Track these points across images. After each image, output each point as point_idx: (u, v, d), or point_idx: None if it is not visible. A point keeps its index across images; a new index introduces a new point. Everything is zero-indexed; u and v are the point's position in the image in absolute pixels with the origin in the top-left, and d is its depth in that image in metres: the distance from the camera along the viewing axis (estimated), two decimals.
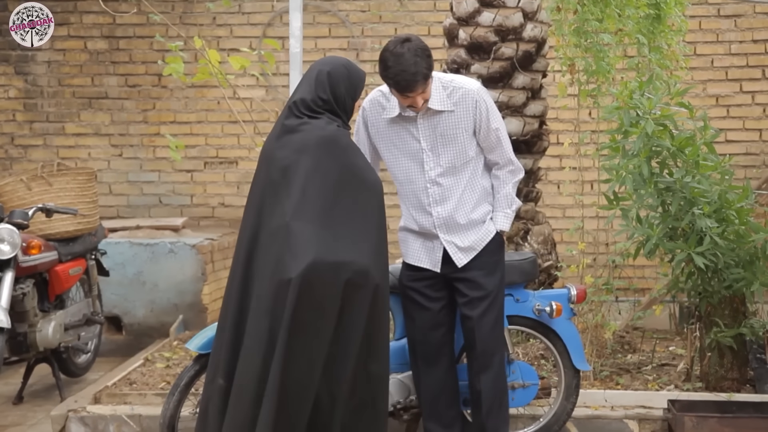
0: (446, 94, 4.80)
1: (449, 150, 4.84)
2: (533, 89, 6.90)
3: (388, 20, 9.07)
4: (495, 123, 4.89)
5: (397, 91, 4.67)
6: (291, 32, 4.85)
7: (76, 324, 6.89)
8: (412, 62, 4.58)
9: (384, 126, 4.89)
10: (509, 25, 6.83)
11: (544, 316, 5.40)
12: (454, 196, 4.88)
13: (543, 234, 6.96)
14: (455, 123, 4.82)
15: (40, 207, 6.38)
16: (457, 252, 4.94)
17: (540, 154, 7.03)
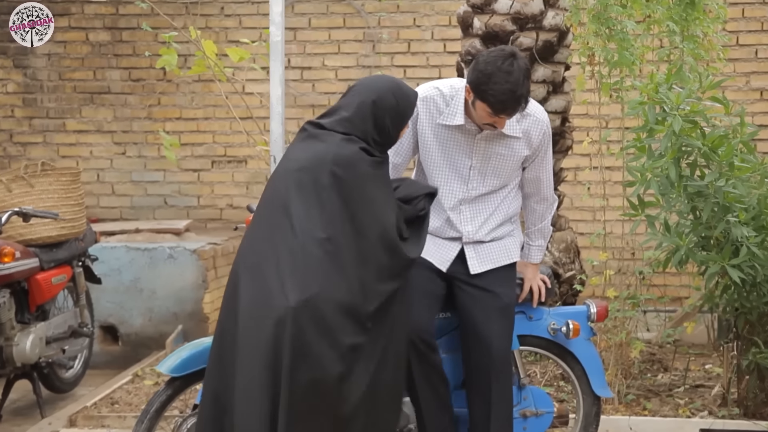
0: (515, 118, 4.32)
1: (498, 174, 4.44)
2: (555, 83, 6.33)
3: (407, 10, 8.53)
4: (550, 153, 4.54)
5: (495, 112, 4.18)
6: (271, 18, 4.34)
7: (60, 336, 6.41)
8: (521, 83, 4.11)
9: (435, 131, 4.40)
10: (528, 13, 6.27)
11: (560, 336, 4.83)
12: (482, 215, 4.50)
13: (565, 241, 6.37)
14: (516, 149, 4.40)
15: (16, 211, 5.91)
16: (474, 257, 4.50)
17: (562, 154, 6.46)
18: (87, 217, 8.68)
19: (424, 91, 4.41)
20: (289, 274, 3.74)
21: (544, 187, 4.57)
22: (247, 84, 8.29)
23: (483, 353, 4.45)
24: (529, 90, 4.20)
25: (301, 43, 8.57)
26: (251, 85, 7.97)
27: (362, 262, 3.83)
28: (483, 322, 4.46)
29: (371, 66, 8.47)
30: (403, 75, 8.26)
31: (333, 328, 3.75)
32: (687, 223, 5.13)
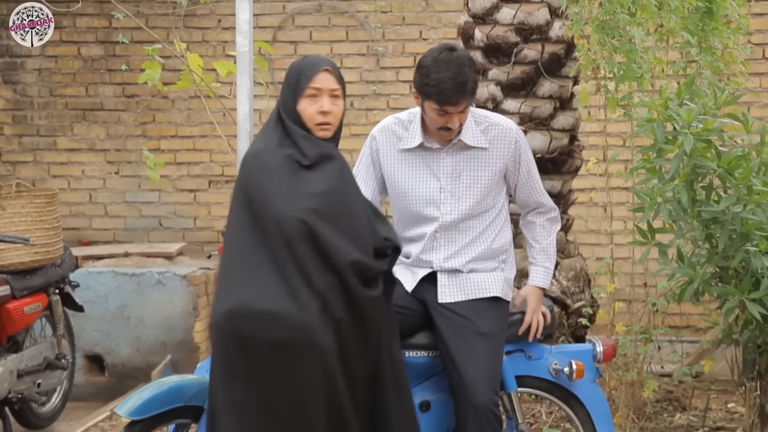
0: (480, 129, 4.12)
1: (472, 194, 4.12)
2: (562, 98, 5.88)
3: (412, 22, 8.11)
4: (534, 166, 4.25)
5: (438, 103, 3.93)
6: (238, 26, 3.95)
7: (34, 369, 6.00)
8: (460, 71, 3.91)
9: (398, 159, 4.15)
10: (533, 23, 5.84)
11: (563, 378, 4.40)
12: (457, 243, 4.17)
13: (574, 268, 5.91)
14: (486, 163, 4.12)
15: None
16: (445, 285, 4.16)
17: (571, 175, 6.01)
18: (79, 239, 8.41)
19: (383, 122, 4.22)
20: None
21: (537, 194, 4.28)
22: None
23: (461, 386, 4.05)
24: (475, 80, 3.98)
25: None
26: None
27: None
28: (460, 348, 4.06)
29: (375, 81, 8.07)
30: (409, 90, 7.85)
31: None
32: (702, 252, 4.66)
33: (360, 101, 8.12)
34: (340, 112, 3.67)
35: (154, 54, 6.26)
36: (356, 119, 8.00)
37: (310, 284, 3.49)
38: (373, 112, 7.91)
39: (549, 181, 5.83)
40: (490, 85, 5.82)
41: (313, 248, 3.49)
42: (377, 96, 8.02)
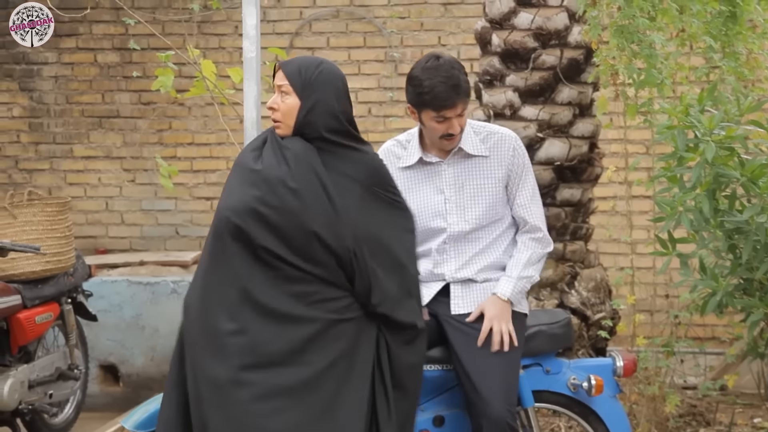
0: (479, 139, 4.07)
1: (478, 203, 4.06)
2: (581, 105, 5.76)
3: (431, 28, 8.00)
4: (531, 178, 4.14)
5: (435, 109, 3.88)
6: (245, 31, 3.85)
7: (46, 380, 5.93)
8: (451, 74, 3.89)
9: (399, 178, 4.05)
10: (551, 28, 5.72)
11: (582, 393, 4.28)
12: (467, 254, 4.11)
13: (594, 279, 5.78)
14: (488, 171, 4.06)
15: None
16: (459, 296, 4.09)
17: (590, 183, 5.88)
18: (95, 247, 8.34)
19: (383, 146, 4.19)
20: None
21: (527, 212, 4.12)
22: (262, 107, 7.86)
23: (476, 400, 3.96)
24: (467, 81, 3.95)
25: None
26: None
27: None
28: (474, 359, 3.96)
29: (393, 87, 7.96)
30: None
31: None
32: (725, 263, 4.52)
33: (377, 108, 8.02)
34: (287, 108, 3.50)
35: (167, 61, 6.19)
36: (374, 126, 7.90)
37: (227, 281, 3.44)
38: (391, 119, 7.81)
39: (568, 189, 5.71)
40: (507, 92, 5.71)
41: (244, 247, 3.39)
42: (395, 103, 7.91)
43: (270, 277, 3.39)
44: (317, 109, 3.47)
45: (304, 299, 3.42)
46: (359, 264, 3.45)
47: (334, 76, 3.55)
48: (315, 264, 3.42)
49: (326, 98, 3.48)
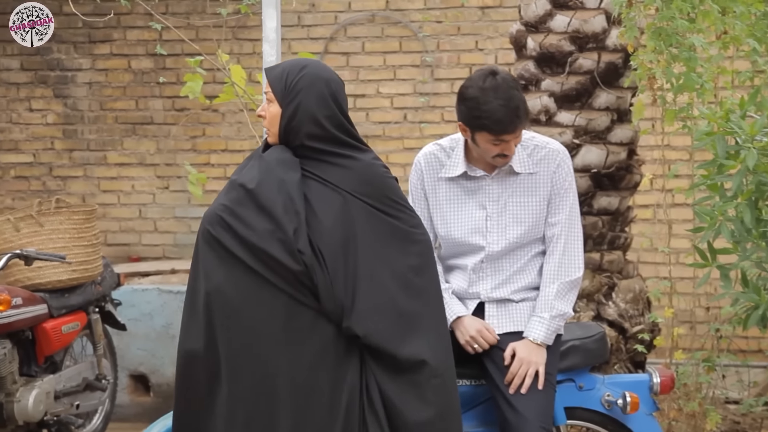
0: (526, 153, 3.86)
1: (520, 223, 3.87)
2: (620, 110, 5.57)
3: (468, 32, 7.85)
4: (571, 198, 3.90)
5: (494, 134, 3.69)
6: (264, 35, 3.74)
7: (73, 390, 5.84)
8: (510, 95, 3.66)
9: (441, 187, 3.93)
10: (588, 31, 5.54)
11: (616, 410, 4.11)
12: (504, 273, 3.93)
13: (633, 290, 5.59)
14: (533, 188, 3.87)
15: (17, 253, 5.36)
16: (494, 315, 3.92)
17: (629, 191, 5.68)
18: (128, 255, 8.27)
19: (424, 149, 3.98)
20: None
21: (558, 236, 3.89)
22: None
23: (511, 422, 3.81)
24: (524, 100, 3.73)
25: (354, 69, 7.96)
26: None
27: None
28: (508, 396, 3.79)
29: (429, 93, 7.82)
30: None
31: None
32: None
33: (413, 114, 7.88)
34: (271, 116, 3.34)
35: (196, 66, 6.10)
36: (409, 132, 7.76)
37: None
38: (427, 125, 7.66)
39: (606, 197, 5.53)
40: (543, 97, 5.54)
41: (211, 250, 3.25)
42: (432, 108, 7.77)
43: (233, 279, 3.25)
44: (299, 116, 3.27)
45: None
46: (322, 279, 3.19)
47: (317, 78, 3.30)
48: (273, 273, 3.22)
49: (307, 104, 3.27)
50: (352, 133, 3.34)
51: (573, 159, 5.46)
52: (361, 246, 3.23)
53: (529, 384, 3.80)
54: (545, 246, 3.93)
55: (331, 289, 3.20)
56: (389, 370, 3.22)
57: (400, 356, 3.20)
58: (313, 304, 3.22)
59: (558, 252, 3.88)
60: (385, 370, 3.22)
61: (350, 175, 3.28)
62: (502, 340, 3.88)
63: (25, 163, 8.40)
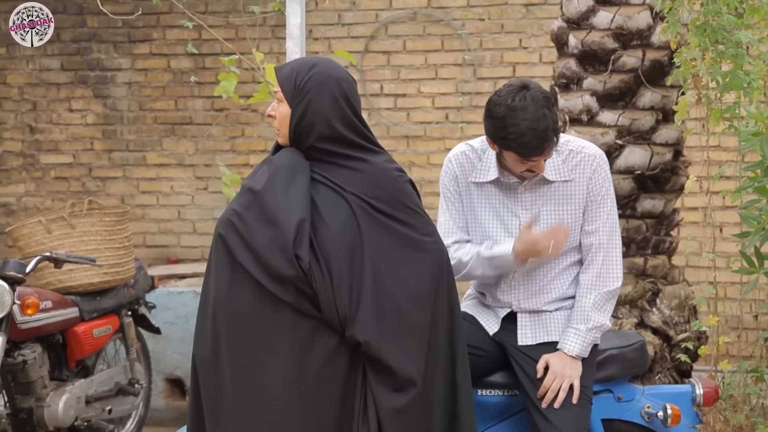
0: (561, 159, 3.69)
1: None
2: (665, 110, 5.37)
3: (512, 30, 7.67)
4: (608, 205, 3.72)
5: (521, 156, 3.54)
6: (288, 32, 3.64)
7: (104, 395, 5.76)
8: (540, 116, 3.48)
9: (472, 190, 3.77)
10: (633, 28, 5.35)
11: (656, 423, 3.95)
12: (536, 283, 3.78)
13: (678, 296, 5.38)
14: (568, 196, 3.70)
15: (46, 256, 5.29)
16: (527, 325, 3.78)
17: (675, 194, 5.48)
18: (167, 257, 8.19)
19: (455, 149, 3.81)
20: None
21: (594, 244, 3.71)
22: None
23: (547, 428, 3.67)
24: (555, 120, 3.50)
25: (395, 68, 7.82)
26: None
27: None
28: (541, 409, 3.64)
29: (472, 92, 7.66)
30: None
31: None
32: None
33: (455, 114, 7.72)
34: (281, 117, 3.22)
35: (231, 65, 6.00)
36: (451, 132, 7.60)
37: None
38: (467, 125, 7.49)
39: (650, 200, 5.34)
40: (584, 96, 5.35)
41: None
42: (474, 108, 7.60)
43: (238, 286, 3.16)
44: (309, 117, 3.14)
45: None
46: (322, 286, 3.08)
47: (328, 77, 3.17)
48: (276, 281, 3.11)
49: (318, 104, 3.15)
50: (364, 134, 3.22)
51: (615, 160, 5.31)
52: (367, 253, 3.11)
53: (563, 398, 3.63)
54: (581, 255, 3.76)
55: (332, 297, 3.08)
56: (385, 384, 3.12)
57: (397, 370, 3.10)
58: (314, 313, 3.11)
59: (596, 262, 3.72)
60: (380, 382, 3.12)
61: (361, 177, 3.16)
62: (536, 351, 3.73)
63: (64, 163, 8.36)
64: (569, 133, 5.20)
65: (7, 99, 8.42)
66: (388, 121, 7.79)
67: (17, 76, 8.40)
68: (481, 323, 3.83)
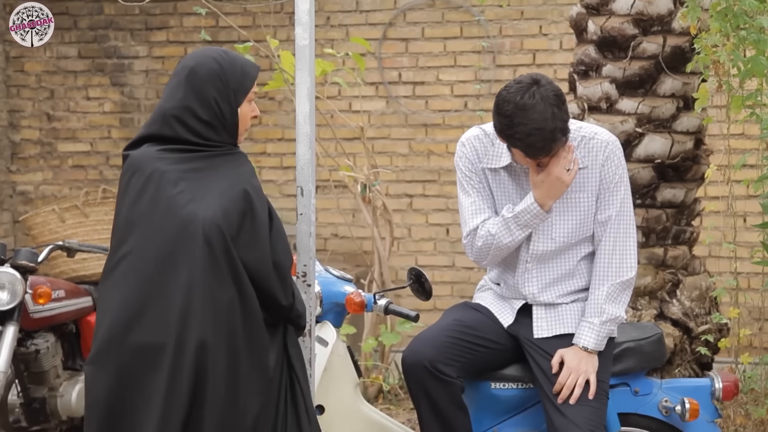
0: (573, 145, 3.58)
1: (567, 219, 3.63)
2: (686, 97, 5.28)
3: (531, 17, 7.57)
4: (622, 192, 3.61)
5: (528, 156, 3.45)
6: (297, 17, 3.53)
7: None
8: (548, 116, 3.38)
9: (486, 175, 3.70)
10: (653, 13, 5.27)
11: (674, 417, 3.88)
12: (549, 275, 3.70)
13: (699, 287, 5.30)
14: (581, 183, 3.60)
15: (59, 245, 5.24)
16: (543, 318, 3.70)
17: (696, 182, 5.39)
18: None
19: (467, 133, 3.73)
20: None
21: (607, 234, 3.62)
22: (353, 101, 7.56)
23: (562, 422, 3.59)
24: (564, 119, 3.39)
25: (414, 56, 7.73)
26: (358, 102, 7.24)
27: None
28: (557, 403, 3.56)
29: (491, 80, 7.56)
30: None
31: None
32: None
33: (474, 102, 7.63)
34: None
35: (246, 52, 5.94)
36: (470, 121, 7.49)
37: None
38: (485, 113, 7.40)
39: (670, 189, 5.25)
40: (604, 83, 5.27)
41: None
42: (493, 96, 7.43)
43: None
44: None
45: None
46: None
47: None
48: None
49: None
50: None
51: (635, 149, 5.23)
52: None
53: (579, 394, 3.56)
54: (595, 246, 3.68)
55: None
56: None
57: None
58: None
59: (608, 251, 3.63)
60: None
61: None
62: (551, 345, 3.65)
63: (82, 152, 8.31)
64: (588, 121, 5.11)
65: (24, 87, 8.38)
66: (407, 109, 7.71)
67: (35, 64, 8.36)
68: (495, 315, 3.76)
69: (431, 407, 3.63)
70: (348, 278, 4.04)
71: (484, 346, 3.69)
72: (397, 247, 7.37)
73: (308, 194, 3.54)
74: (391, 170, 7.49)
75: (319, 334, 3.81)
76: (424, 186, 7.70)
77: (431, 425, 3.66)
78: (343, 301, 3.89)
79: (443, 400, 3.61)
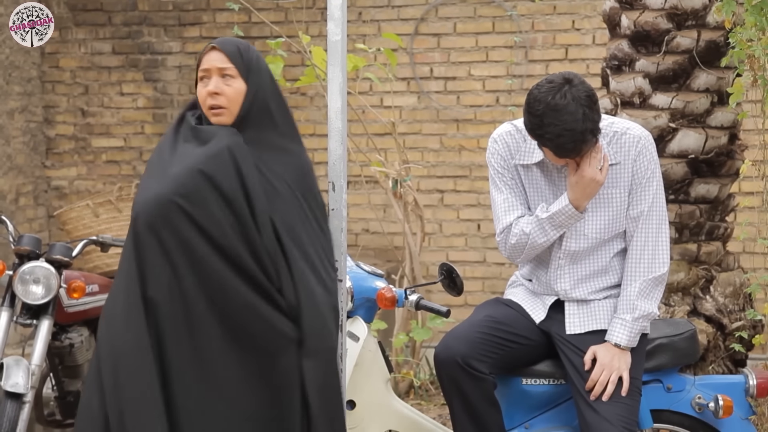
0: (605, 141, 3.58)
1: (599, 216, 3.61)
2: (720, 92, 5.25)
3: (564, 11, 7.53)
4: (654, 188, 3.59)
5: (558, 156, 3.44)
6: (329, 13, 3.53)
7: None
8: (579, 116, 3.35)
9: (518, 172, 3.69)
10: (687, 7, 5.24)
11: (707, 414, 3.86)
12: (581, 271, 3.69)
13: (732, 284, 5.26)
14: (614, 179, 3.59)
15: (93, 240, 5.27)
16: (575, 314, 3.69)
17: (730, 178, 5.36)
18: None
19: (499, 129, 3.71)
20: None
21: (639, 229, 3.60)
22: (385, 97, 7.57)
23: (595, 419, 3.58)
24: (595, 120, 3.37)
25: (445, 51, 7.72)
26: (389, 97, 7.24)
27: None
28: (589, 400, 3.55)
29: (523, 75, 7.54)
30: None
31: None
32: None
33: (506, 97, 7.61)
34: (234, 93, 3.31)
35: (277, 48, 5.97)
36: (501, 116, 7.48)
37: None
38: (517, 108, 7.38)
39: (704, 184, 5.22)
40: (637, 78, 5.24)
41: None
42: (525, 91, 7.40)
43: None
44: (259, 96, 3.27)
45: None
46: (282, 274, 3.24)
47: (265, 62, 3.39)
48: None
49: (266, 86, 3.30)
50: (293, 124, 3.42)
51: (669, 144, 5.20)
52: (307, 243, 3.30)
53: (611, 391, 3.54)
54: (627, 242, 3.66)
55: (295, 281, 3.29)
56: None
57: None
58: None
59: (640, 246, 3.61)
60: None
61: (290, 167, 3.39)
62: (583, 341, 3.64)
63: (116, 147, 8.37)
64: (621, 116, 5.09)
65: (59, 83, 8.44)
66: (438, 105, 7.70)
67: (69, 60, 8.42)
68: (527, 311, 3.76)
69: (463, 403, 3.63)
70: (379, 273, 4.04)
71: (516, 342, 3.69)
72: (428, 243, 7.36)
73: (340, 190, 3.56)
74: (422, 166, 7.49)
75: (351, 330, 3.82)
76: (456, 181, 7.69)
77: (463, 421, 3.66)
78: (374, 296, 3.90)
79: (475, 396, 3.61)
